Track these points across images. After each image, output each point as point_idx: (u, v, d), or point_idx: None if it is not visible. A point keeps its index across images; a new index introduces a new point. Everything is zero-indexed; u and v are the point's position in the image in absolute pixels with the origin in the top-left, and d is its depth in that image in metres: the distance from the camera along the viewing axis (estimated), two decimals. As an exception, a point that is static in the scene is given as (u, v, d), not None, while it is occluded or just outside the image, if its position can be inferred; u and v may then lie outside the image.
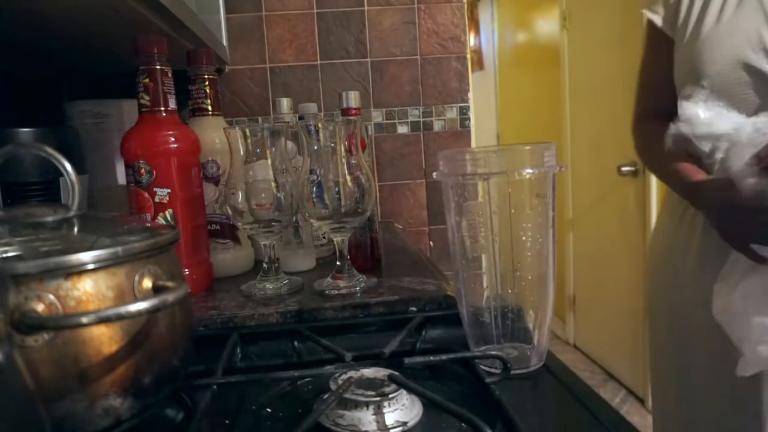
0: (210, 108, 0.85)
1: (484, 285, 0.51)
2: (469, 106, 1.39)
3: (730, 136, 0.68)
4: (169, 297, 0.38)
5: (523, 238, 0.50)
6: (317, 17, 1.33)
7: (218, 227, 0.84)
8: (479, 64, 4.07)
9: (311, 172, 0.70)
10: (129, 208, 0.74)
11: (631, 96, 0.98)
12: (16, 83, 1.02)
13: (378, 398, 0.40)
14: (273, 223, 0.72)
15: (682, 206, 0.88)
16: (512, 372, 0.46)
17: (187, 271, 0.72)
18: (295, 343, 0.58)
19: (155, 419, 0.42)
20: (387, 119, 1.37)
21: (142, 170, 0.72)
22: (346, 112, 1.02)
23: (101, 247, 0.38)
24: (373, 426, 0.39)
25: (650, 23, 0.88)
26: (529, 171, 0.48)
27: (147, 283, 0.40)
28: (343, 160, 0.70)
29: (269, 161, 0.72)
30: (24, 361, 0.29)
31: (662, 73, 0.87)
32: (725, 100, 0.71)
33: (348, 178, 0.70)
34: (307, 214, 0.71)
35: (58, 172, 0.42)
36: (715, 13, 0.77)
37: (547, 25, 3.18)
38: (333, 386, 0.43)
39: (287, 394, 0.48)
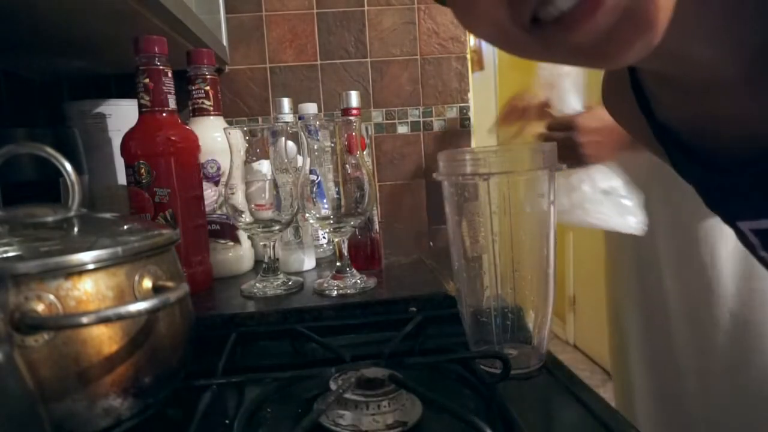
0: (210, 108, 0.85)
1: (484, 285, 0.51)
2: (469, 106, 1.39)
3: None
4: (170, 297, 0.38)
5: (523, 238, 0.50)
6: (317, 17, 1.33)
7: (218, 227, 0.84)
8: (479, 64, 4.06)
9: (311, 172, 0.70)
10: (129, 208, 0.74)
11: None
12: (16, 83, 1.02)
13: (378, 398, 0.40)
14: (273, 223, 0.72)
15: None
16: (512, 372, 0.46)
17: (186, 271, 0.72)
18: (295, 343, 0.58)
19: (155, 419, 0.42)
20: (387, 119, 1.37)
21: (142, 170, 0.72)
22: (346, 112, 1.02)
23: (101, 247, 0.38)
24: (373, 426, 0.39)
25: None
26: (529, 171, 0.48)
27: (147, 283, 0.41)
28: (343, 160, 0.70)
29: (269, 161, 0.72)
30: (24, 361, 0.29)
31: None
32: None
33: (348, 178, 0.70)
34: (307, 214, 0.71)
35: (58, 172, 0.42)
36: None
37: (547, 25, 3.18)
38: (333, 386, 0.43)
39: (287, 394, 0.48)
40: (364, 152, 0.75)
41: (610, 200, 0.76)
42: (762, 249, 0.32)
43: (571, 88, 0.79)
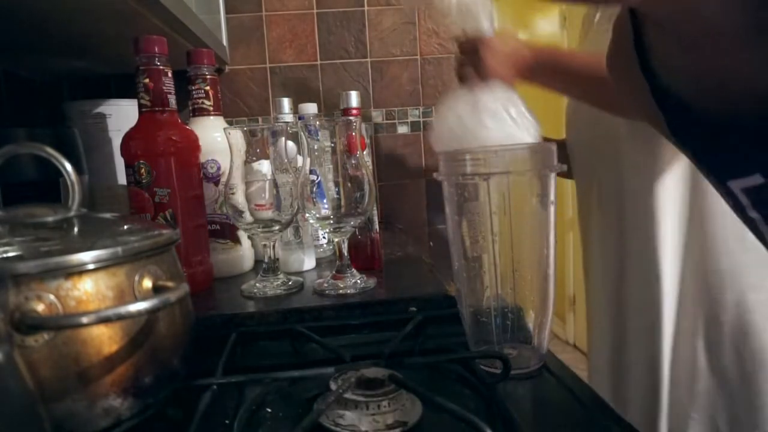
0: (210, 108, 0.85)
1: (484, 285, 0.51)
2: (469, 106, 1.39)
3: None
4: (170, 297, 0.38)
5: (523, 238, 0.50)
6: (317, 17, 1.33)
7: (218, 227, 0.84)
8: (479, 64, 4.06)
9: (311, 172, 0.70)
10: (129, 208, 0.74)
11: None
12: (16, 83, 1.02)
13: (378, 398, 0.40)
14: (273, 223, 0.72)
15: None
16: (512, 372, 0.46)
17: (186, 271, 0.72)
18: (295, 343, 0.58)
19: (155, 419, 0.42)
20: (387, 119, 1.37)
21: (142, 170, 0.72)
22: (346, 112, 1.02)
23: (101, 247, 0.38)
24: (373, 426, 0.39)
25: None
26: (529, 171, 0.48)
27: (147, 283, 0.41)
28: (343, 160, 0.70)
29: (269, 161, 0.72)
30: (24, 361, 0.29)
31: None
32: None
33: (348, 178, 0.70)
34: (307, 214, 0.71)
35: (58, 172, 0.42)
36: None
37: (547, 25, 3.18)
38: (333, 386, 0.43)
39: (287, 394, 0.48)
40: (364, 152, 0.75)
41: (511, 111, 0.77)
42: (752, 208, 0.32)
43: (483, 14, 0.82)
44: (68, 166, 0.43)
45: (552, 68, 0.82)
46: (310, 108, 1.06)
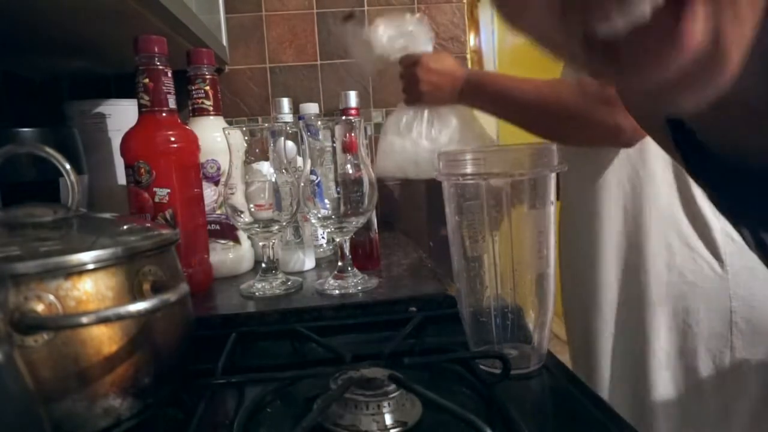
0: (210, 108, 0.85)
1: (484, 285, 0.51)
2: (469, 106, 1.39)
3: None
4: (169, 297, 0.38)
5: (523, 238, 0.50)
6: (317, 17, 1.33)
7: (218, 227, 0.84)
8: (479, 64, 4.06)
9: (311, 172, 0.70)
10: (129, 208, 0.74)
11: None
12: (16, 83, 1.02)
13: (378, 398, 0.40)
14: (272, 224, 0.72)
15: None
16: (512, 372, 0.46)
17: (186, 271, 0.72)
18: (295, 343, 0.58)
19: (155, 419, 0.42)
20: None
21: (142, 170, 0.72)
22: (345, 112, 1.02)
23: (101, 247, 0.38)
24: (373, 426, 0.39)
25: None
26: (529, 171, 0.48)
27: (147, 283, 0.40)
28: (344, 161, 0.70)
29: (269, 161, 0.72)
30: (24, 361, 0.29)
31: None
32: None
33: (348, 178, 0.70)
34: (308, 214, 0.71)
35: (58, 172, 0.42)
36: None
37: (547, 25, 3.18)
38: (333, 386, 0.43)
39: (287, 394, 0.48)
40: (364, 152, 0.75)
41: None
42: None
43: (422, 34, 0.92)
44: (68, 166, 0.43)
45: (482, 88, 0.86)
46: (310, 108, 1.06)
